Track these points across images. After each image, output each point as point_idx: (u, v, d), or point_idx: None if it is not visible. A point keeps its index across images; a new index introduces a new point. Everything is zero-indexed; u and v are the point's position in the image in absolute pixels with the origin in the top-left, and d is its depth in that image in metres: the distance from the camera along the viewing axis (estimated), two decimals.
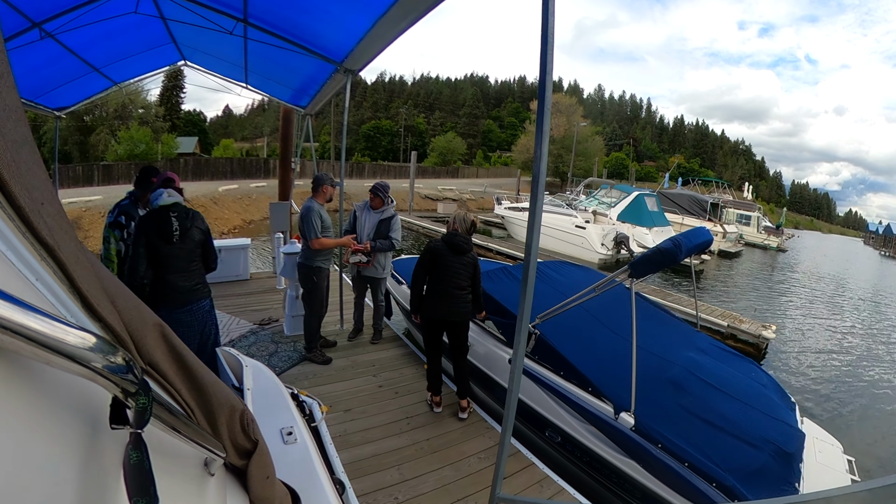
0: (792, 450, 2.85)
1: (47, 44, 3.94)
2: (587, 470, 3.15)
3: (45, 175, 0.49)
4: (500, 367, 3.78)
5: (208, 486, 0.78)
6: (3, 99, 0.40)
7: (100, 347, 0.40)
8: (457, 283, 3.45)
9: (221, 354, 1.77)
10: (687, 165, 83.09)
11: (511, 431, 1.84)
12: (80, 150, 31.38)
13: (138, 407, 0.45)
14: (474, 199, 33.70)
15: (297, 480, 1.18)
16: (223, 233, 16.78)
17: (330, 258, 4.39)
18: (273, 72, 5.44)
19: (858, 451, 3.89)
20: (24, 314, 0.33)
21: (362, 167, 39.95)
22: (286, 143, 8.12)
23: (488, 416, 3.74)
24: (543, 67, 1.46)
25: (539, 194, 1.57)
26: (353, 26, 3.40)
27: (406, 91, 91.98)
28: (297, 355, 4.43)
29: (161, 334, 0.66)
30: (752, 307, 12.01)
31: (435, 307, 3.49)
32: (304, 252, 4.21)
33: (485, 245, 14.43)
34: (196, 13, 3.77)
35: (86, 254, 0.55)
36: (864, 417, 6.28)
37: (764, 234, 28.99)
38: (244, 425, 0.86)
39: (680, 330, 4.27)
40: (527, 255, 1.61)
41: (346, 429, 3.37)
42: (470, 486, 2.89)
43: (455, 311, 3.49)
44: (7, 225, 0.40)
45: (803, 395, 6.61)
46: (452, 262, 3.45)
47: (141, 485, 0.44)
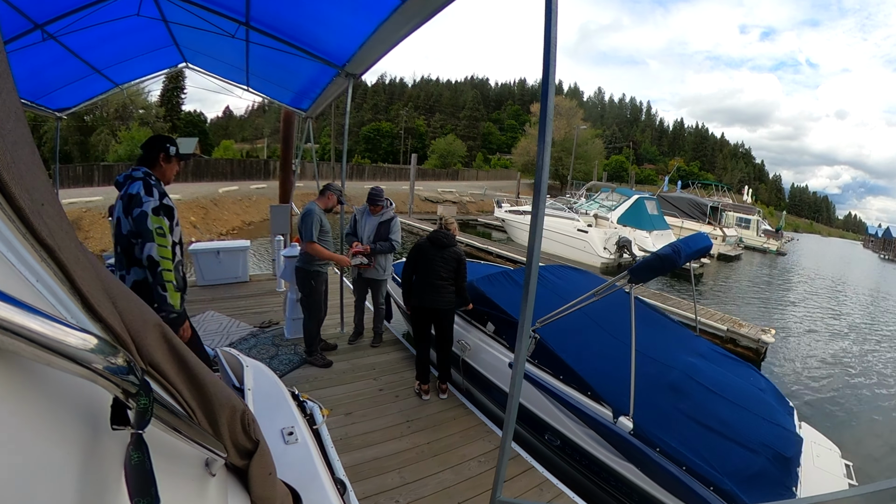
0: (790, 454, 2.84)
1: (49, 45, 3.95)
2: (586, 473, 3.14)
3: (44, 176, 0.49)
4: (501, 371, 3.77)
5: (209, 487, 0.78)
6: (3, 100, 0.40)
7: (100, 348, 0.40)
8: (438, 275, 3.83)
9: (222, 354, 1.76)
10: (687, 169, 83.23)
11: (512, 435, 1.83)
12: (80, 151, 31.37)
13: (139, 407, 0.45)
14: (474, 202, 33.65)
15: (298, 480, 1.18)
16: (222, 234, 16.79)
17: (329, 261, 4.38)
18: (274, 75, 5.44)
19: (857, 456, 3.88)
20: (24, 315, 0.33)
21: (362, 169, 39.98)
22: (287, 146, 8.13)
23: (488, 420, 3.74)
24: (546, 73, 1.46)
25: (541, 203, 1.57)
26: (355, 31, 3.40)
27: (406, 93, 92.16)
28: (297, 359, 4.42)
29: (161, 335, 0.66)
30: (751, 311, 12.00)
31: (420, 296, 3.87)
32: (303, 256, 4.21)
33: (485, 248, 14.41)
34: (198, 16, 3.77)
35: (86, 254, 0.55)
36: (862, 422, 6.27)
37: (763, 237, 29.04)
38: (245, 425, 0.86)
39: (679, 334, 4.26)
40: (529, 262, 1.60)
41: (347, 432, 3.37)
42: (470, 489, 2.90)
43: (438, 299, 3.83)
44: (7, 226, 0.40)
45: (802, 400, 6.60)
46: (434, 256, 3.85)
47: (142, 485, 0.44)
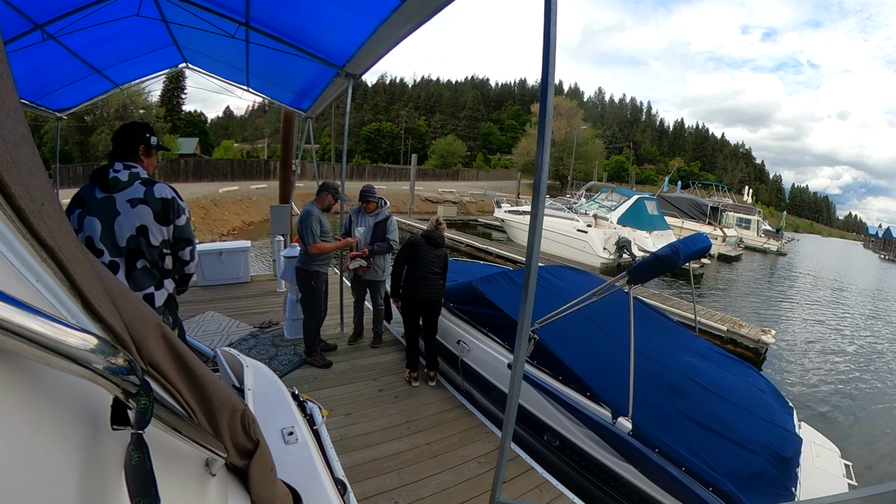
0: (789, 454, 2.84)
1: (49, 46, 3.95)
2: (586, 474, 3.14)
3: (44, 176, 0.49)
4: (500, 371, 3.77)
5: (209, 487, 0.78)
6: (2, 99, 0.40)
7: (101, 348, 0.40)
8: (432, 269, 4.15)
9: (222, 354, 1.76)
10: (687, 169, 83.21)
11: (511, 436, 1.83)
12: (80, 150, 31.34)
13: (139, 408, 0.45)
14: (474, 202, 33.64)
15: (299, 480, 1.18)
16: (223, 234, 16.79)
17: (328, 262, 4.39)
18: (274, 75, 5.44)
19: (857, 456, 3.89)
20: (24, 315, 0.33)
21: (363, 169, 40.05)
22: (287, 147, 8.13)
23: (488, 421, 3.74)
24: (545, 73, 1.46)
25: (540, 204, 1.57)
26: (355, 31, 3.40)
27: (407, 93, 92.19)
28: (297, 359, 4.42)
29: (162, 335, 0.66)
30: (751, 311, 12.00)
31: (414, 288, 4.11)
32: (302, 256, 4.21)
33: (485, 248, 14.41)
34: (198, 16, 3.77)
35: (86, 255, 0.55)
36: (863, 423, 6.27)
37: (764, 237, 29.00)
38: (245, 425, 0.86)
39: (678, 335, 4.26)
40: (528, 263, 1.60)
41: (347, 433, 3.37)
42: (469, 490, 2.89)
43: (430, 290, 4.13)
44: (7, 226, 0.40)
45: (802, 400, 6.60)
46: (428, 252, 4.15)
47: (142, 485, 0.44)
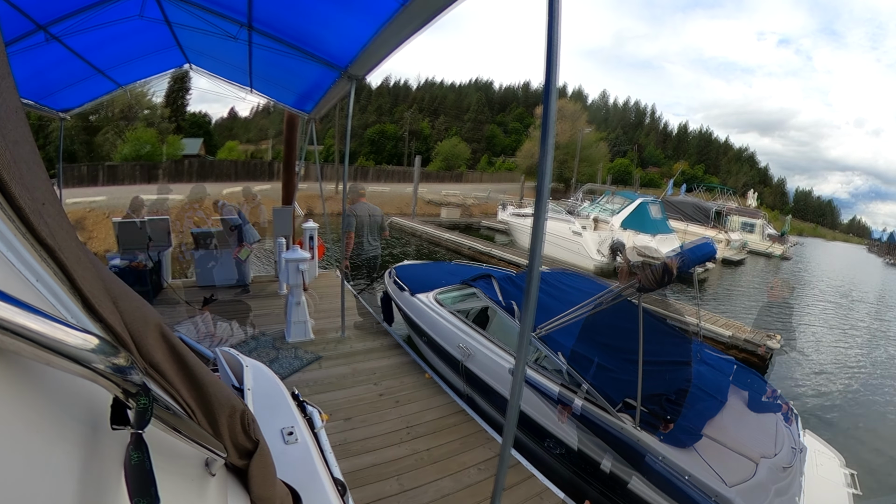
0: None
1: (53, 46, 3.96)
2: (589, 481, 3.12)
3: (45, 175, 0.49)
4: (501, 377, 3.76)
5: (209, 487, 0.78)
6: (3, 99, 0.40)
7: (101, 348, 0.40)
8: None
9: (221, 354, 1.76)
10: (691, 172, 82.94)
11: (512, 443, 1.82)
12: (85, 151, 31.51)
13: (139, 407, 0.45)
14: (478, 204, 33.59)
15: (298, 480, 1.18)
16: None
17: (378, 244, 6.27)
18: (277, 77, 5.46)
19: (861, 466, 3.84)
20: (24, 315, 0.33)
21: (366, 171, 40.06)
22: (290, 148, 8.14)
23: (489, 427, 3.70)
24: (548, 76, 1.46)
25: (542, 208, 1.56)
26: (358, 33, 3.41)
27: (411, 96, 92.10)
28: (298, 362, 4.41)
29: (161, 335, 0.66)
30: (756, 316, 11.92)
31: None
32: None
33: (488, 252, 14.40)
34: (201, 18, 3.80)
35: (87, 254, 0.56)
36: (867, 431, 6.20)
37: (768, 241, 28.80)
38: (245, 425, 0.86)
39: (682, 340, 4.25)
40: (530, 270, 1.59)
41: (346, 437, 3.34)
42: (469, 497, 2.86)
43: None
44: (7, 225, 0.40)
45: (806, 407, 6.53)
46: None
47: (142, 485, 0.44)
